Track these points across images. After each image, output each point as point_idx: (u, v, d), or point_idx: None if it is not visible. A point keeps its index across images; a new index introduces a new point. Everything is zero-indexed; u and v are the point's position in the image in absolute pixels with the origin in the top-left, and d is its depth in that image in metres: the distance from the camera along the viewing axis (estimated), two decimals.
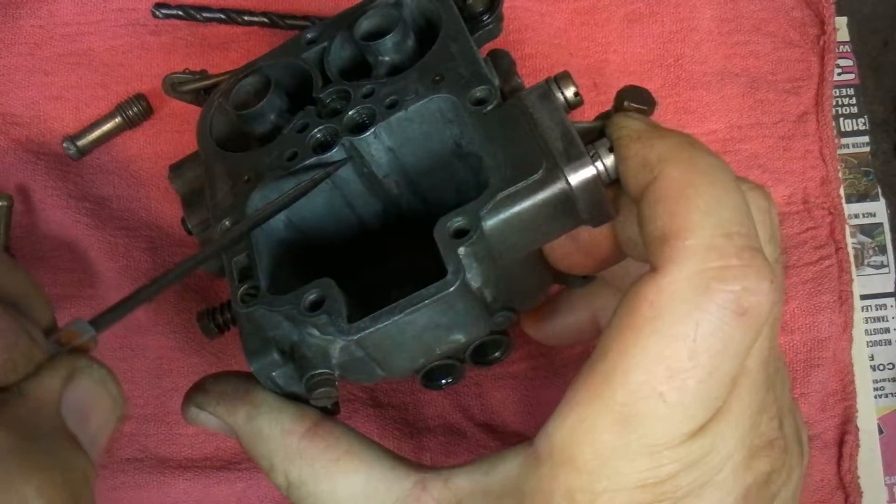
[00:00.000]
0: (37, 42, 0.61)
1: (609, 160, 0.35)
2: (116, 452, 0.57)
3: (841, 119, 0.65)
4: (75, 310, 0.58)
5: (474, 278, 0.36)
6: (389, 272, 0.43)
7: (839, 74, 0.65)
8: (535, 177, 0.35)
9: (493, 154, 0.37)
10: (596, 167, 0.35)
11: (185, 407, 0.41)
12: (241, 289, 0.37)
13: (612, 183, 0.36)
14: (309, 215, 0.42)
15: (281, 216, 0.41)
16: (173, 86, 0.52)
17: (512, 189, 0.35)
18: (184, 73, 0.52)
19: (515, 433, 0.58)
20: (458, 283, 0.35)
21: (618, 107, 0.38)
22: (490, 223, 0.35)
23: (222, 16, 0.59)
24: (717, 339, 0.31)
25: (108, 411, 0.33)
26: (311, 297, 0.36)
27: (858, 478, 0.59)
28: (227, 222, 0.39)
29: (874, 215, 0.64)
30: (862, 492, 0.59)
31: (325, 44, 0.44)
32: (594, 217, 0.36)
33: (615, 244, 0.38)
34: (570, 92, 0.38)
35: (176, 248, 0.59)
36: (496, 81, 0.40)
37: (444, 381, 0.44)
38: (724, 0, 0.63)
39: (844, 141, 0.65)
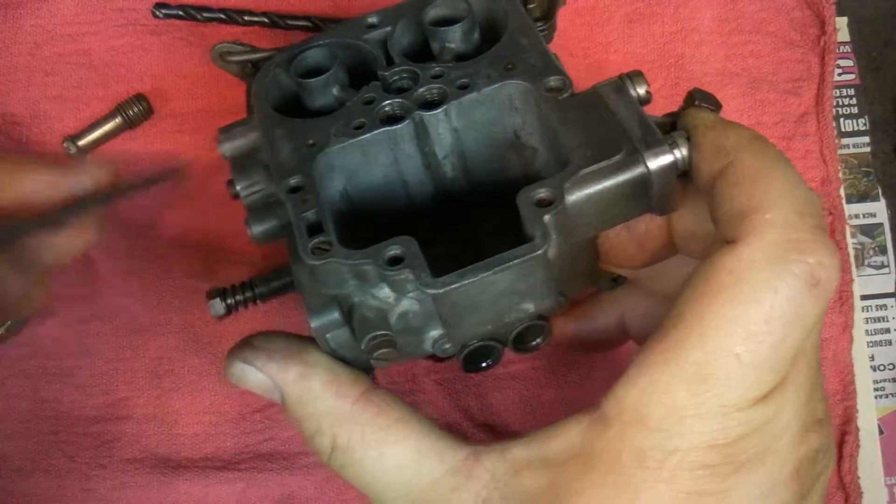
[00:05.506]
0: (37, 42, 0.61)
1: (684, 150, 0.37)
2: (116, 452, 0.57)
3: (841, 119, 0.65)
4: (75, 311, 0.58)
5: (550, 250, 0.37)
6: (430, 258, 0.44)
7: (839, 75, 0.65)
8: (616, 158, 0.37)
9: (571, 136, 0.38)
10: (674, 154, 0.37)
11: (231, 363, 0.41)
12: (313, 242, 0.37)
13: (679, 175, 0.38)
14: (365, 189, 0.43)
15: (338, 186, 0.42)
16: (222, 55, 0.52)
17: (594, 167, 0.37)
18: (234, 43, 0.53)
19: (515, 433, 0.58)
20: (546, 247, 0.36)
21: (688, 104, 0.40)
22: (571, 198, 0.37)
23: (222, 16, 0.59)
24: (791, 306, 0.33)
25: None
26: (392, 252, 0.37)
27: (859, 478, 0.59)
28: (292, 181, 0.40)
29: (874, 215, 0.64)
30: (862, 492, 0.59)
31: (388, 28, 0.45)
32: (662, 205, 0.38)
33: (668, 238, 0.41)
34: (642, 90, 0.39)
35: (177, 249, 0.59)
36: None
37: (484, 364, 0.45)
38: (724, 0, 0.63)
39: (845, 141, 0.65)
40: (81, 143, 0.59)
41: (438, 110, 0.41)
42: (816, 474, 0.36)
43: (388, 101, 0.41)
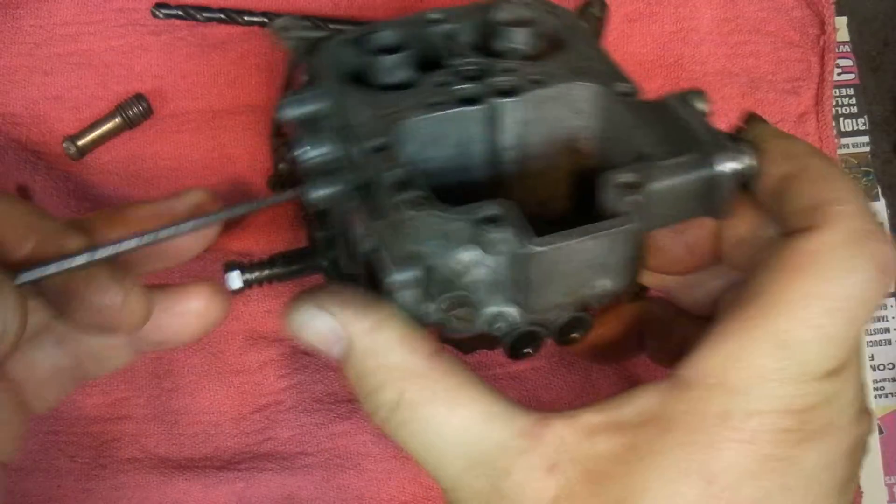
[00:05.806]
0: (37, 42, 0.61)
1: (748, 159, 0.39)
2: (116, 452, 0.57)
3: (841, 119, 0.65)
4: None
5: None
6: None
7: (839, 74, 0.65)
8: (691, 156, 0.38)
9: (644, 136, 0.40)
10: (742, 161, 0.39)
11: (299, 306, 0.39)
12: (403, 195, 0.38)
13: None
14: (431, 166, 0.43)
15: (407, 160, 0.42)
16: (284, 28, 0.53)
17: (670, 162, 0.38)
18: (294, 17, 0.53)
19: None
20: (636, 221, 0.37)
21: (750, 121, 0.43)
22: (653, 185, 0.38)
23: (222, 16, 0.60)
24: (865, 287, 0.35)
25: None
26: (491, 212, 0.37)
27: (858, 478, 0.59)
28: (376, 141, 0.40)
29: (874, 215, 0.64)
30: (862, 492, 0.59)
31: (450, 25, 0.45)
32: (720, 210, 0.39)
33: (715, 246, 0.42)
34: (703, 106, 0.41)
35: None
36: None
37: (526, 351, 0.44)
38: (724, 0, 0.63)
39: (844, 141, 0.65)
40: (81, 143, 0.59)
41: (515, 98, 0.42)
42: (860, 459, 0.38)
43: (463, 85, 0.42)
